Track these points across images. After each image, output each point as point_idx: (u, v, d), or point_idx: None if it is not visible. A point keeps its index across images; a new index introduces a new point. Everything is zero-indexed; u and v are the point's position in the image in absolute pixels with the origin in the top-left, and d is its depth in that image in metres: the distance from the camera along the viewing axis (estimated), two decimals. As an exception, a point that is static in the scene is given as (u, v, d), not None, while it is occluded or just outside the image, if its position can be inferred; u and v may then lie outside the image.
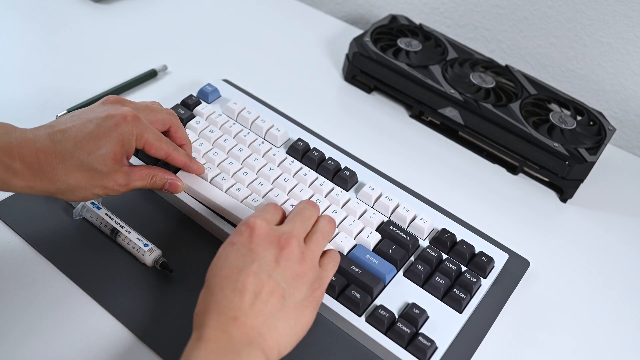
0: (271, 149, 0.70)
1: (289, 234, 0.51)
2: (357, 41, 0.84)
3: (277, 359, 0.47)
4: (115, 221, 0.60)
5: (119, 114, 0.55)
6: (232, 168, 0.66)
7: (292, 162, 0.68)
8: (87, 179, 0.53)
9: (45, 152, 0.52)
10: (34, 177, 0.52)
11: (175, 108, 0.72)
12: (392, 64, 0.81)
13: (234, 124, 0.71)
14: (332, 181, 0.68)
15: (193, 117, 0.72)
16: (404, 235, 0.63)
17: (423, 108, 0.81)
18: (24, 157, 0.51)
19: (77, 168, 0.53)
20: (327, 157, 0.70)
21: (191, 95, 0.74)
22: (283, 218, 0.55)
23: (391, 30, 0.88)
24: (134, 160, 0.66)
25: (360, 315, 0.57)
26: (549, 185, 0.77)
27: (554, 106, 0.82)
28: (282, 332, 0.47)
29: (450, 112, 0.79)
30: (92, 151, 0.53)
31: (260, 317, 0.47)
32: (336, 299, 0.57)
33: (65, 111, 0.72)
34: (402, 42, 0.85)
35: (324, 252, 0.55)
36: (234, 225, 0.62)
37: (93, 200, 0.61)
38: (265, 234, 0.50)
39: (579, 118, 0.80)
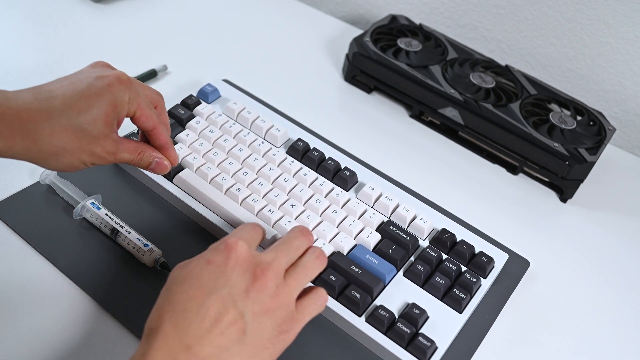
0: (271, 149, 0.70)
1: (267, 264, 0.46)
2: (357, 41, 0.84)
3: None
4: (115, 221, 0.60)
5: (112, 75, 0.51)
6: (232, 168, 0.66)
7: (292, 162, 0.68)
8: (74, 141, 0.49)
9: (28, 109, 0.47)
10: (13, 135, 0.47)
11: (175, 108, 0.72)
12: (392, 64, 0.81)
13: (234, 124, 0.71)
14: (332, 181, 0.68)
15: (193, 117, 0.72)
16: (404, 236, 0.63)
17: (423, 108, 0.81)
18: (2, 115, 0.47)
19: (65, 128, 0.49)
20: (327, 157, 0.70)
21: (191, 95, 0.74)
22: (263, 238, 0.51)
23: (391, 30, 0.88)
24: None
25: (360, 316, 0.57)
26: (549, 185, 0.77)
27: (554, 106, 0.82)
28: None
29: (450, 112, 0.79)
30: (83, 110, 0.49)
31: (215, 349, 0.43)
32: (336, 299, 0.57)
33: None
34: (402, 42, 0.85)
35: (309, 291, 0.49)
36: (234, 226, 0.62)
37: (93, 200, 0.61)
38: (244, 258, 0.46)
39: (579, 118, 0.80)
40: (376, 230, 0.64)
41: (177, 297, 0.44)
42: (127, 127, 0.70)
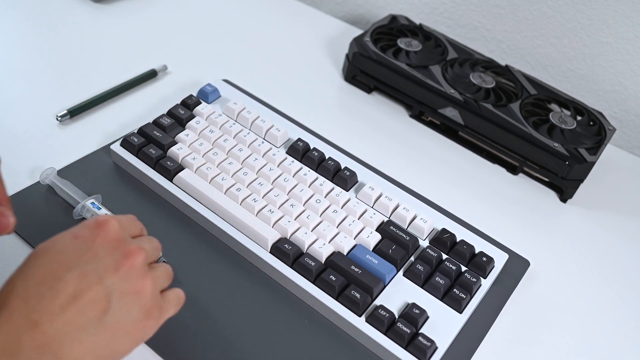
0: (271, 149, 0.70)
1: (138, 246, 0.44)
2: (357, 41, 0.84)
3: None
4: (115, 221, 0.60)
5: None
6: (232, 168, 0.66)
7: (292, 162, 0.68)
8: None
9: None
10: None
11: (175, 108, 0.72)
12: (392, 64, 0.81)
13: (234, 124, 0.71)
14: (332, 181, 0.68)
15: (193, 117, 0.72)
16: (404, 235, 0.63)
17: (423, 108, 0.81)
18: None
19: None
20: (327, 157, 0.70)
21: (191, 95, 0.74)
22: (140, 235, 0.49)
23: (391, 30, 0.88)
24: None
25: (360, 316, 0.57)
26: (549, 185, 0.77)
27: (554, 106, 0.82)
28: (85, 351, 0.40)
29: (450, 112, 0.79)
30: None
31: (68, 327, 0.39)
32: (336, 299, 0.57)
33: (66, 111, 0.72)
34: (402, 42, 0.85)
35: (167, 289, 0.48)
36: (234, 226, 0.62)
37: (93, 200, 0.61)
38: (114, 236, 0.43)
39: (579, 118, 0.80)
40: (376, 230, 0.64)
41: (33, 270, 0.41)
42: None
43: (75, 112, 0.73)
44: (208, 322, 0.56)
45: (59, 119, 0.72)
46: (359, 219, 0.64)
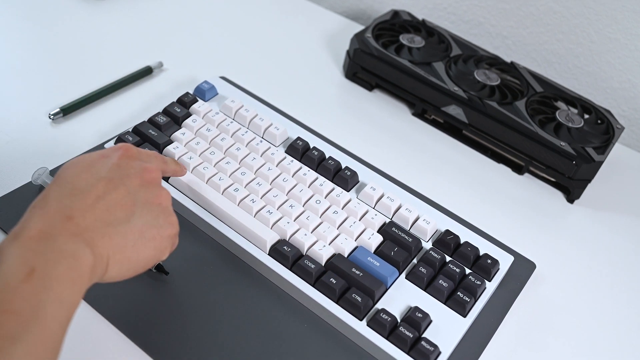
0: (270, 148, 0.70)
1: (156, 165, 0.53)
2: (358, 37, 0.84)
3: (102, 274, 0.45)
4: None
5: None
6: (230, 168, 0.66)
7: (292, 161, 0.68)
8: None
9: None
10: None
11: (171, 106, 0.72)
12: (394, 60, 0.81)
13: (231, 122, 0.71)
14: (332, 181, 0.68)
15: (189, 115, 0.72)
16: (406, 237, 0.63)
17: (426, 106, 0.81)
18: None
19: None
20: (327, 157, 0.70)
21: (187, 93, 0.74)
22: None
23: (393, 26, 0.88)
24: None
25: (361, 319, 0.57)
26: (556, 185, 0.77)
27: (560, 104, 0.82)
28: (116, 247, 0.45)
29: (454, 110, 0.79)
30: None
31: (99, 223, 0.45)
32: (336, 303, 0.57)
33: (58, 109, 0.72)
34: (404, 39, 0.85)
35: None
36: (232, 228, 0.62)
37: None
38: (136, 156, 0.51)
39: (586, 116, 0.80)
40: (378, 231, 0.64)
41: (65, 179, 0.47)
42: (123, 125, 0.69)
43: (68, 110, 0.73)
44: (204, 326, 0.56)
45: (52, 117, 0.71)
46: (360, 220, 0.64)
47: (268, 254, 0.60)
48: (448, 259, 0.63)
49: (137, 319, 0.56)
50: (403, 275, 0.61)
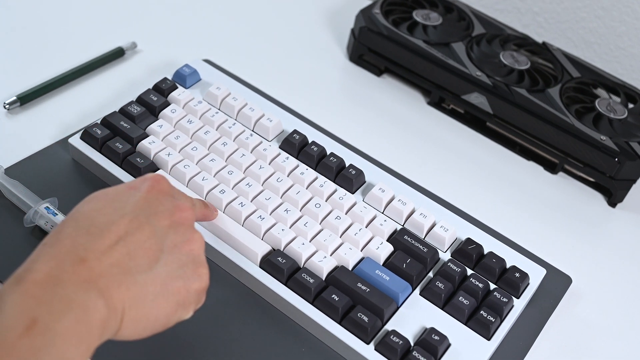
0: (261, 142, 0.70)
1: (189, 204, 0.52)
2: (365, 14, 0.84)
3: (115, 330, 0.43)
4: (74, 230, 0.60)
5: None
6: (215, 166, 0.66)
7: (287, 158, 0.68)
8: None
9: None
10: None
11: (146, 94, 0.72)
12: (406, 41, 0.81)
13: (216, 112, 0.71)
14: (334, 182, 0.68)
15: (168, 104, 0.72)
16: (420, 247, 0.63)
17: (444, 94, 0.81)
18: None
19: None
20: (328, 153, 0.70)
21: (165, 79, 0.74)
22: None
23: (405, 0, 0.88)
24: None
25: (368, 343, 0.57)
26: (595, 186, 0.77)
27: (600, 91, 0.82)
28: (133, 300, 0.43)
29: (477, 99, 0.79)
30: None
31: (116, 269, 0.43)
32: (339, 323, 0.58)
33: (15, 97, 0.72)
34: (418, 15, 0.85)
35: None
36: (217, 236, 0.62)
37: (48, 205, 0.61)
38: (167, 191, 0.50)
39: (630, 106, 0.80)
40: (387, 240, 0.64)
41: (84, 214, 0.46)
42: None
43: (26, 99, 0.73)
44: (188, 349, 0.56)
45: (7, 106, 0.72)
46: (366, 227, 0.64)
47: (259, 267, 0.60)
48: (469, 272, 0.63)
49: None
50: (417, 291, 0.61)
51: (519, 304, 0.62)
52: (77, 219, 0.45)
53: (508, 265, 0.64)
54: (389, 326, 0.58)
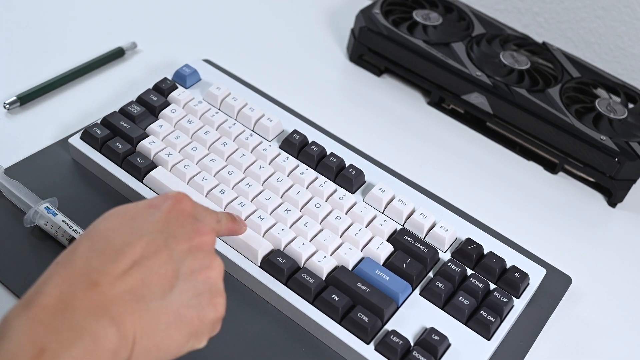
0: (261, 143, 0.70)
1: (211, 227, 0.50)
2: (365, 14, 0.84)
3: (125, 359, 0.41)
4: (74, 229, 0.60)
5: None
6: (215, 166, 0.66)
7: (287, 158, 0.68)
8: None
9: None
10: None
11: (146, 94, 0.72)
12: (406, 41, 0.81)
13: (216, 112, 0.71)
14: (334, 182, 0.68)
15: (168, 104, 0.72)
16: (420, 247, 0.63)
17: (444, 94, 0.81)
18: None
19: None
20: (328, 153, 0.70)
21: (165, 79, 0.74)
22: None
23: (405, 0, 0.88)
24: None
25: (368, 343, 0.57)
26: (595, 186, 0.77)
27: (600, 91, 0.82)
28: (145, 329, 0.42)
29: (477, 99, 0.79)
30: None
31: (129, 295, 0.42)
32: (339, 323, 0.58)
33: (15, 97, 0.72)
34: (418, 15, 0.85)
35: None
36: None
37: (48, 205, 0.61)
38: (189, 212, 0.48)
39: (630, 106, 0.80)
40: (387, 240, 0.64)
41: (99, 232, 0.44)
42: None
43: (26, 99, 0.73)
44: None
45: (7, 106, 0.72)
46: (366, 227, 0.64)
47: (259, 267, 0.60)
48: (469, 272, 0.63)
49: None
50: (417, 291, 0.61)
51: (519, 304, 0.62)
52: (93, 237, 0.44)
53: (508, 265, 0.64)
54: (389, 326, 0.58)
